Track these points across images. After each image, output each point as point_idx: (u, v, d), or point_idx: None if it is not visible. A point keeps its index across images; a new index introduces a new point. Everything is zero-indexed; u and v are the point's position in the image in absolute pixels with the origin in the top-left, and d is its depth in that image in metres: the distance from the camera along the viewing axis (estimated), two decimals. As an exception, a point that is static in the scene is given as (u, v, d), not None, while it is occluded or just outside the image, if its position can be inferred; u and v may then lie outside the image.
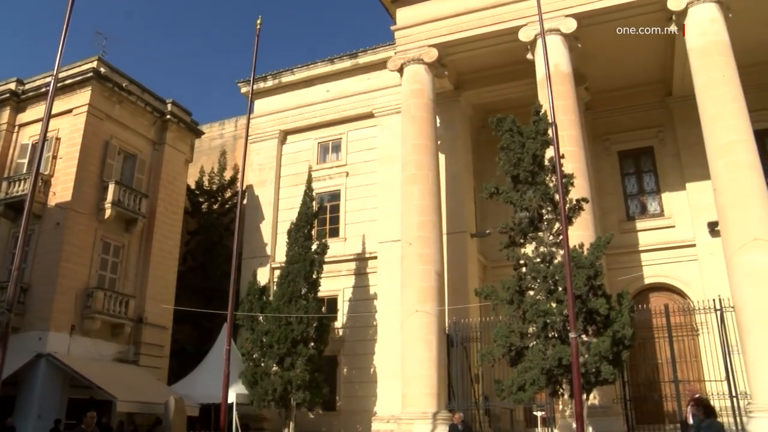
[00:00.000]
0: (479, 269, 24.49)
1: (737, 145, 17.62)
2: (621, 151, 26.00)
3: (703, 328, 19.78)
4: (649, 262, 23.85)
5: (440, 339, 19.62)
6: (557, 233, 14.76)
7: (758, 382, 15.80)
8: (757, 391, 15.85)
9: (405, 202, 21.10)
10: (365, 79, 27.47)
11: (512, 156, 15.31)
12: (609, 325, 14.26)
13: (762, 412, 15.44)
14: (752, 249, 16.57)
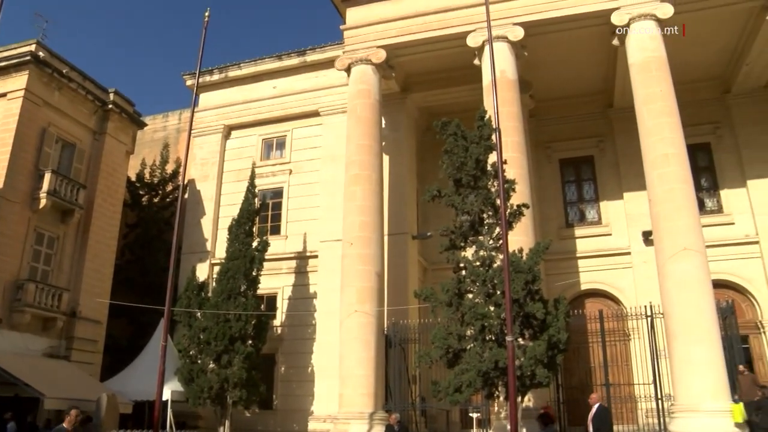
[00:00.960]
0: (419, 271, 24.66)
1: (672, 158, 18.24)
2: (562, 159, 26.58)
3: (635, 333, 20.40)
4: (585, 269, 24.43)
5: (379, 339, 19.69)
6: (497, 238, 14.95)
7: (681, 385, 16.50)
8: (679, 394, 16.55)
9: (347, 201, 21.10)
10: (312, 77, 27.33)
11: (456, 160, 15.45)
12: (545, 330, 14.54)
13: (683, 412, 16.15)
14: (682, 258, 17.17)
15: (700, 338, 16.42)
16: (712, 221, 23.08)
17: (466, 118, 16.87)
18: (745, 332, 21.93)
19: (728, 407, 15.82)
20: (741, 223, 23.70)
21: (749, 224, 23.52)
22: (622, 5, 20.25)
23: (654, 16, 19.90)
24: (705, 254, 17.61)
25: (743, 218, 23.71)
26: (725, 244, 22.95)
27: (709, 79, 24.86)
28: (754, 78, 24.23)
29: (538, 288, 14.78)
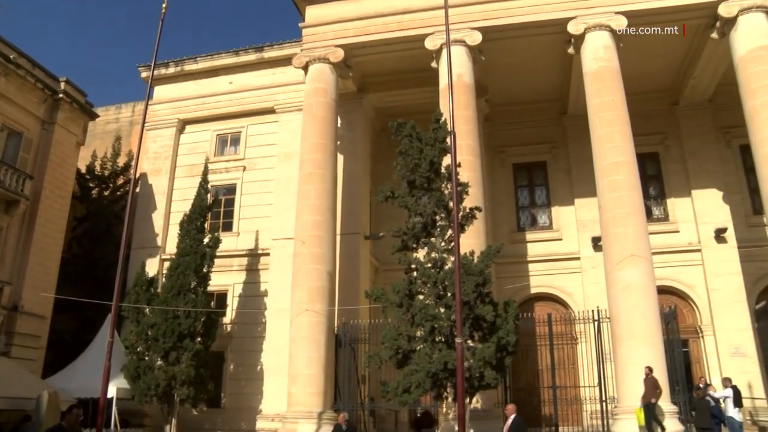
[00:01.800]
0: (371, 271, 24.69)
1: (622, 166, 18.67)
2: (516, 163, 26.92)
3: (582, 336, 20.78)
4: (536, 273, 24.79)
5: (329, 339, 19.66)
6: (449, 240, 15.07)
7: (624, 388, 16.97)
8: (623, 396, 17.04)
9: (301, 200, 21.01)
10: (269, 74, 27.15)
11: (410, 161, 15.52)
12: (494, 332, 14.72)
13: (626, 414, 16.67)
14: (629, 264, 17.60)
15: (643, 342, 16.87)
16: (659, 229, 23.69)
17: (422, 120, 16.93)
18: (685, 336, 22.59)
19: (670, 408, 16.31)
20: (685, 231, 24.40)
21: (693, 232, 24.23)
22: (578, 15, 20.64)
23: (609, 27, 20.35)
24: (651, 261, 18.10)
25: (687, 226, 24.42)
26: (670, 251, 23.59)
27: (659, 91, 25.49)
28: (700, 92, 24.97)
29: (489, 291, 14.96)
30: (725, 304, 22.88)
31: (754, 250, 23.07)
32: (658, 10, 20.51)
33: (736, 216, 24.11)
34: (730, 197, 24.35)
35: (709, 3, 20.20)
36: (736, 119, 21.10)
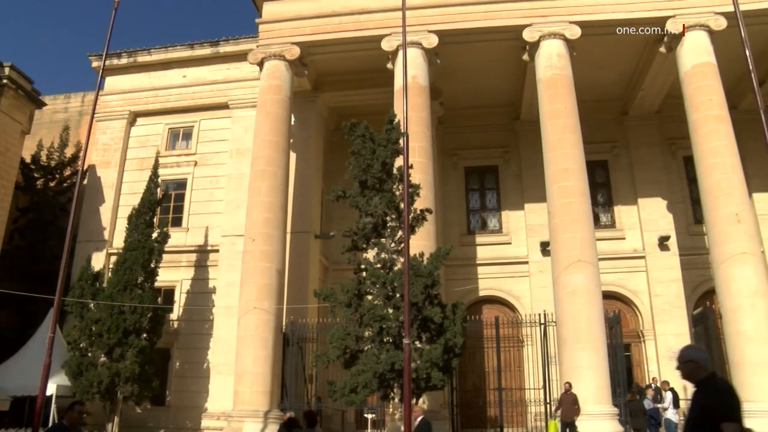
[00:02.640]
0: (320, 270, 24.61)
1: (571, 172, 19.01)
2: (468, 167, 27.17)
3: (528, 339, 21.11)
4: (484, 276, 25.07)
5: (276, 338, 19.54)
6: (399, 241, 15.11)
7: (569, 390, 17.16)
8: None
9: (252, 197, 20.84)
10: (224, 69, 26.82)
11: (362, 161, 15.52)
12: (442, 334, 14.80)
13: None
14: (576, 269, 17.93)
15: (588, 346, 17.20)
16: (606, 235, 24.21)
17: (376, 121, 16.96)
18: (628, 341, 23.18)
19: (611, 410, 16.69)
20: (631, 238, 25.04)
21: (638, 240, 24.88)
22: (533, 23, 20.94)
23: (563, 35, 20.72)
24: (597, 266, 18.47)
25: (633, 234, 25.06)
26: (616, 258, 24.15)
27: (610, 100, 26.07)
28: (648, 103, 25.66)
29: (437, 292, 15.04)
30: (666, 310, 23.59)
31: (694, 258, 23.74)
32: (611, 22, 20.95)
33: (679, 225, 24.86)
34: (673, 206, 25.11)
35: (658, 18, 20.74)
36: (681, 131, 21.68)
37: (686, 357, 5.08)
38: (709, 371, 4.98)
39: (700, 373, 4.96)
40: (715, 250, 18.73)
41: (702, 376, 4.95)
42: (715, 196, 18.81)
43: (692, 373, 5.00)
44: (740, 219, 18.30)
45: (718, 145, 19.11)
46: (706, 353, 5.15)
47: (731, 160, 18.96)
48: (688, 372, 5.03)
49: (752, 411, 16.16)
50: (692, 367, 4.99)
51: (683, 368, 5.05)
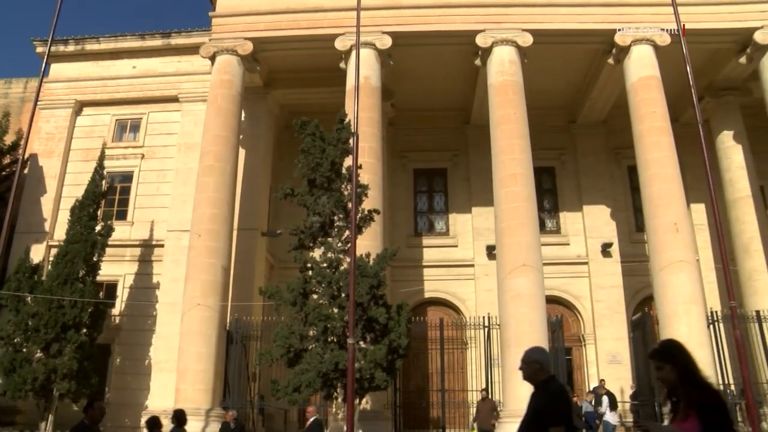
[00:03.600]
0: (266, 268, 24.41)
1: (519, 177, 19.31)
2: (417, 169, 27.28)
3: (472, 342, 21.36)
4: (430, 278, 25.22)
5: (220, 335, 19.31)
6: (346, 241, 15.12)
7: (510, 392, 17.50)
8: (508, 400, 17.58)
9: (199, 192, 20.55)
10: (175, 62, 26.39)
11: (311, 160, 15.48)
12: (386, 334, 14.87)
13: (510, 417, 17.09)
14: (520, 274, 18.20)
15: (530, 349, 17.43)
16: (551, 241, 24.61)
17: (327, 120, 16.92)
18: (569, 344, 23.65)
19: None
20: (575, 244, 25.56)
21: (582, 246, 25.41)
22: (487, 29, 21.18)
23: (515, 43, 21.01)
24: (542, 271, 18.81)
25: (577, 240, 25.59)
26: (560, 263, 24.58)
27: (559, 108, 26.53)
28: (595, 112, 26.23)
29: (383, 293, 15.13)
30: (606, 315, 24.17)
31: (635, 265, 24.33)
32: (562, 32, 21.38)
33: (621, 232, 25.49)
34: (617, 214, 25.73)
35: (607, 31, 21.27)
36: (626, 141, 22.20)
37: (531, 358, 5.17)
38: (549, 374, 5.12)
39: (541, 375, 5.06)
40: (655, 257, 19.27)
41: (542, 378, 5.05)
42: (656, 205, 19.38)
43: (534, 374, 5.09)
44: (679, 228, 18.87)
45: (660, 156, 19.68)
46: (549, 356, 5.33)
47: (672, 171, 19.55)
48: (530, 373, 5.12)
49: None
50: (536, 368, 5.09)
51: (526, 369, 5.14)
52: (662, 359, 4.20)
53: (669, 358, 4.19)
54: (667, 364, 4.16)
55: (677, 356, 4.18)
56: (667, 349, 4.34)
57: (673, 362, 4.15)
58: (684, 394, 4.06)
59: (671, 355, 4.20)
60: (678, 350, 4.24)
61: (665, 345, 4.49)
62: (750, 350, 19.35)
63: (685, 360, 4.16)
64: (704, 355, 17.66)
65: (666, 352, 4.28)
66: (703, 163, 14.65)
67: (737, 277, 22.44)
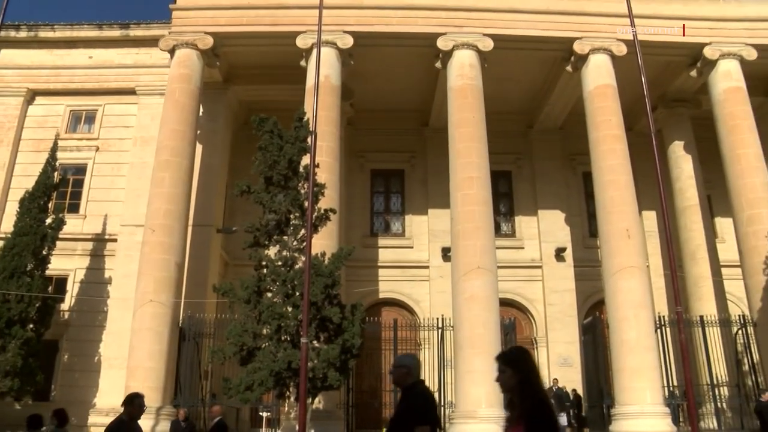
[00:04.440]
0: (221, 265, 24.20)
1: (476, 181, 19.51)
2: (374, 169, 27.30)
3: (426, 343, 21.49)
4: (385, 278, 25.26)
5: (173, 332, 19.07)
6: (302, 239, 15.09)
7: (461, 393, 17.76)
8: (460, 401, 17.84)
9: (154, 187, 20.26)
10: (133, 53, 25.93)
11: (269, 157, 15.41)
12: (340, 334, 14.87)
13: (461, 418, 17.47)
14: (475, 276, 18.39)
15: (483, 351, 17.65)
16: (505, 244, 24.90)
17: (286, 118, 16.84)
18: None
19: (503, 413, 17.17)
20: (529, 248, 25.91)
21: (536, 250, 25.78)
22: (448, 32, 21.34)
23: (476, 47, 21.21)
24: (496, 274, 19.05)
25: (531, 244, 25.95)
26: (514, 266, 24.90)
27: (517, 113, 26.83)
28: (552, 118, 26.65)
29: (337, 293, 15.11)
30: (559, 319, 24.56)
31: (588, 269, 24.73)
32: (523, 38, 21.69)
33: (575, 237, 25.93)
34: (571, 219, 26.16)
35: (566, 39, 21.68)
36: (581, 147, 22.59)
37: (399, 363, 5.34)
38: (416, 378, 5.24)
39: (408, 379, 5.20)
40: (607, 262, 19.66)
41: (409, 382, 5.19)
42: (609, 212, 19.78)
43: (402, 378, 5.23)
44: (630, 234, 19.30)
45: (614, 163, 20.08)
46: (417, 361, 5.44)
47: (625, 179, 19.97)
48: (398, 377, 5.25)
49: (630, 413, 17.44)
50: (404, 372, 5.23)
51: (395, 373, 5.27)
52: (505, 363, 4.19)
53: (512, 363, 4.17)
54: (509, 369, 4.14)
55: (520, 363, 4.17)
56: (513, 354, 4.34)
57: (515, 368, 4.13)
58: (519, 402, 4.07)
59: (515, 361, 4.19)
60: (523, 358, 4.24)
61: (512, 350, 4.52)
62: (693, 353, 19.92)
63: (527, 368, 4.15)
64: (652, 359, 18.20)
65: (511, 357, 4.26)
66: (655, 171, 15.03)
67: (684, 283, 23.03)
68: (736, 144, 21.10)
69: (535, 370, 4.22)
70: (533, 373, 4.18)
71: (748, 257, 20.18)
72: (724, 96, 21.72)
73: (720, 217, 25.71)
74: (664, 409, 17.67)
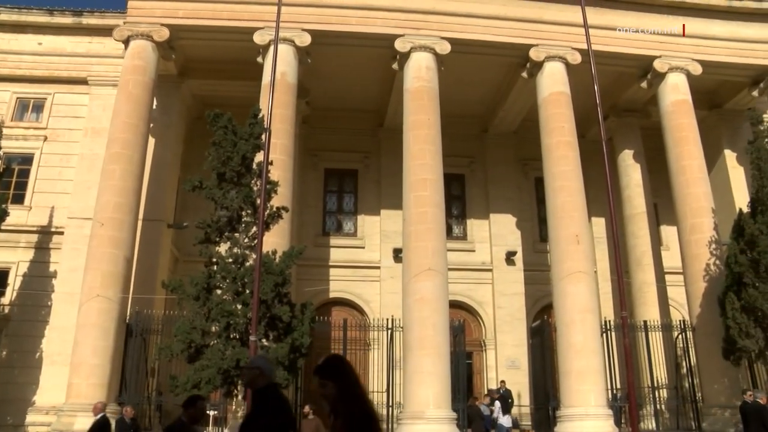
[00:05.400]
0: (171, 261, 23.83)
1: (429, 183, 19.64)
2: (328, 168, 27.21)
3: (375, 343, 21.54)
4: (336, 278, 25.21)
5: (119, 328, 18.69)
6: (253, 237, 14.99)
7: (410, 394, 17.85)
8: (408, 402, 17.90)
9: (104, 180, 19.84)
10: (86, 42, 25.31)
11: (222, 153, 15.27)
12: (290, 333, 14.83)
13: (409, 419, 17.56)
14: (426, 278, 18.51)
15: (432, 352, 17.82)
16: (457, 246, 25.13)
17: (241, 114, 16.69)
18: (470, 349, 24.23)
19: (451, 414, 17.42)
20: (480, 251, 26.20)
21: (487, 253, 26.09)
22: (406, 34, 21.40)
23: (433, 50, 21.32)
24: (446, 276, 19.19)
25: (482, 247, 26.25)
26: (465, 269, 25.14)
27: (472, 117, 27.11)
28: (507, 123, 26.99)
29: (288, 291, 15.08)
30: (507, 321, 24.90)
31: (537, 273, 25.11)
32: (480, 43, 21.87)
33: (526, 241, 26.32)
34: (522, 224, 26.55)
35: (522, 45, 21.96)
36: (534, 153, 22.88)
37: (253, 364, 5.37)
38: (269, 381, 5.25)
39: (260, 382, 5.21)
40: (556, 267, 20.01)
41: (261, 385, 5.20)
42: (560, 217, 20.12)
43: (254, 380, 5.23)
44: (580, 240, 19.66)
45: (566, 169, 20.44)
46: (272, 365, 5.43)
47: (576, 185, 20.36)
48: (250, 378, 5.26)
49: (575, 415, 17.86)
50: (256, 374, 5.23)
51: (247, 374, 5.28)
52: (325, 376, 4.16)
53: (332, 376, 4.15)
54: (330, 381, 4.11)
55: (341, 375, 4.15)
56: (330, 366, 4.26)
57: (335, 380, 4.11)
58: (340, 412, 4.05)
59: (334, 373, 4.16)
60: (341, 368, 4.22)
61: (329, 361, 4.37)
62: (636, 357, 20.43)
63: (346, 378, 4.14)
64: (597, 362, 18.61)
65: (329, 369, 4.21)
66: (605, 179, 15.34)
67: (630, 289, 23.62)
68: (682, 155, 21.73)
69: (353, 380, 4.16)
70: (351, 382, 4.13)
71: (691, 264, 20.82)
72: (672, 108, 22.36)
73: (665, 225, 26.39)
74: (607, 411, 18.08)
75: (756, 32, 23.39)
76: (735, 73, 23.88)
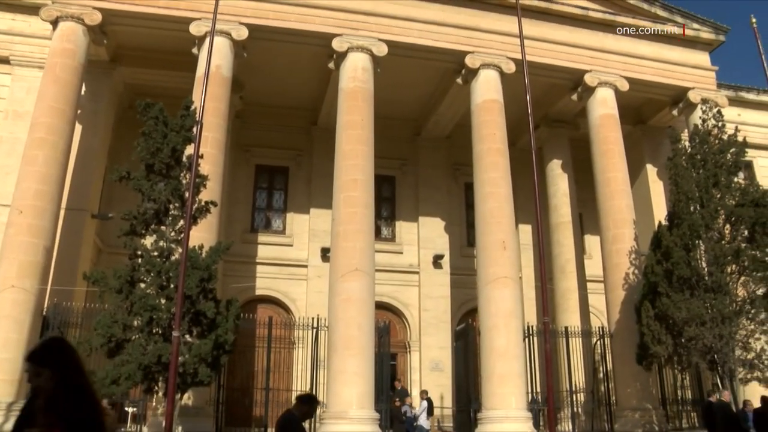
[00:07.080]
0: (94, 252, 23.08)
1: (360, 183, 19.71)
2: (259, 165, 26.94)
3: (300, 342, 21.45)
4: (263, 275, 24.99)
5: (35, 321, 17.95)
6: (180, 231, 14.71)
7: (333, 394, 17.89)
8: (331, 401, 17.92)
9: (26, 165, 19.02)
10: (9, 19, 23.95)
11: (152, 144, 14.93)
12: (214, 329, 14.64)
13: (332, 419, 17.60)
14: (353, 278, 18.58)
15: (356, 353, 17.90)
16: (385, 248, 25.29)
17: (173, 105, 16.35)
18: (395, 350, 24.44)
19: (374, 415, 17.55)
20: (408, 253, 26.46)
21: (414, 256, 26.38)
22: (344, 34, 21.39)
23: (370, 51, 21.39)
24: (373, 277, 19.29)
25: (410, 249, 26.52)
26: (392, 271, 25.37)
27: (406, 120, 27.37)
28: (440, 128, 27.36)
29: (213, 287, 14.88)
30: (433, 324, 25.23)
31: (463, 277, 25.50)
32: (417, 46, 22.07)
33: (453, 245, 26.73)
34: (450, 228, 26.95)
35: (458, 52, 22.30)
36: (465, 158, 23.27)
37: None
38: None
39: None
40: (482, 272, 20.38)
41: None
42: (488, 223, 20.51)
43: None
44: (506, 246, 20.09)
45: (495, 176, 20.85)
46: None
47: (505, 192, 20.79)
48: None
49: (496, 417, 18.31)
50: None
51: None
52: (41, 364, 3.44)
53: (50, 362, 3.44)
54: (47, 370, 3.41)
55: (61, 361, 3.45)
56: (47, 350, 3.53)
57: (53, 367, 3.40)
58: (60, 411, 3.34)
59: (54, 360, 3.45)
60: (61, 352, 3.51)
61: (46, 345, 3.62)
62: (556, 361, 21.02)
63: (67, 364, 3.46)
64: (519, 366, 19.07)
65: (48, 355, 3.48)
66: (533, 187, 15.74)
67: (553, 295, 24.29)
68: (607, 167, 22.49)
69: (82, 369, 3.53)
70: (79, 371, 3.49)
71: (611, 273, 21.57)
72: (600, 121, 23.10)
73: (589, 234, 27.20)
74: (527, 414, 18.54)
75: (679, 56, 24.49)
76: (658, 92, 24.90)
